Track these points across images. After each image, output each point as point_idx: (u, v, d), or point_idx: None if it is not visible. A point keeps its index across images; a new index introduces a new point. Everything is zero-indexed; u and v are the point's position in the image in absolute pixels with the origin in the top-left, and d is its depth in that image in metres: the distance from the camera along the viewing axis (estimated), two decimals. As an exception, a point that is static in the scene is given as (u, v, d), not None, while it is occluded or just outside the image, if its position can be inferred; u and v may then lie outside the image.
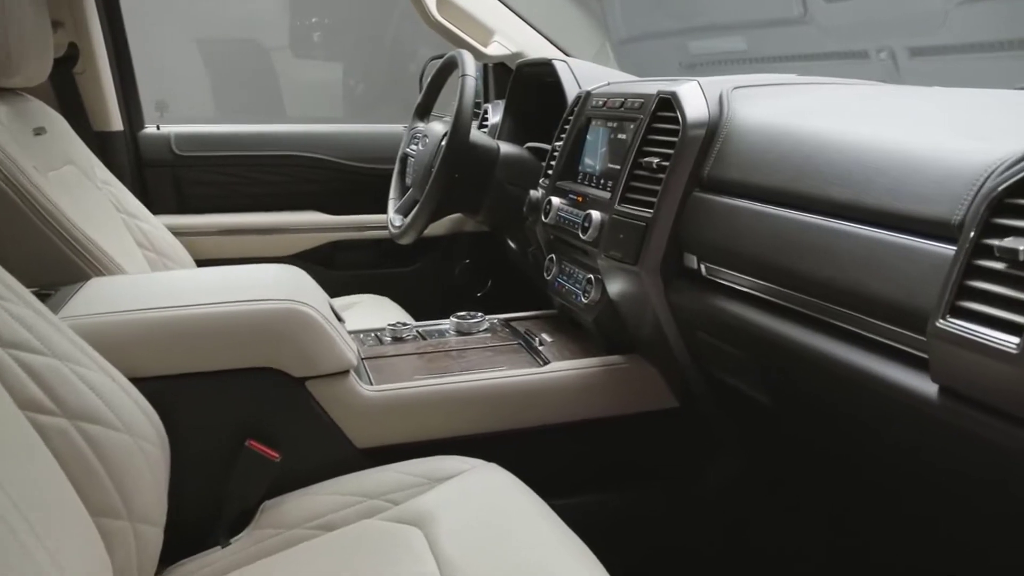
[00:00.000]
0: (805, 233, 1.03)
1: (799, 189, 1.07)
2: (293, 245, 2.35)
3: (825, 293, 1.00)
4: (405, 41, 3.52)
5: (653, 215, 1.31)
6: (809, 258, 1.02)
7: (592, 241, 1.45)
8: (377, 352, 1.52)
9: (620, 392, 1.46)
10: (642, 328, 1.45)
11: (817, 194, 1.04)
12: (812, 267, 1.01)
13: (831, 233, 0.99)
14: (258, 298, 1.25)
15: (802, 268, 1.03)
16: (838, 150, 1.04)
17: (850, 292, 0.96)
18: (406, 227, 1.91)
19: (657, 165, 1.33)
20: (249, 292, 1.27)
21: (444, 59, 2.03)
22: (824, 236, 1.00)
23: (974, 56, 1.66)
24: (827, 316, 1.01)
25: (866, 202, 0.96)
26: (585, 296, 1.50)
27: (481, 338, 1.60)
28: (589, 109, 1.64)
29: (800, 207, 1.07)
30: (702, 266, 1.27)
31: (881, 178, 0.96)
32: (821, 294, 1.01)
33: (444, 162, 1.80)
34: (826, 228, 1.00)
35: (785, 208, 1.09)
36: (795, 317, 1.07)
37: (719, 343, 1.27)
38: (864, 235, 0.95)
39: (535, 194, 1.74)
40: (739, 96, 1.32)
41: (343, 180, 2.42)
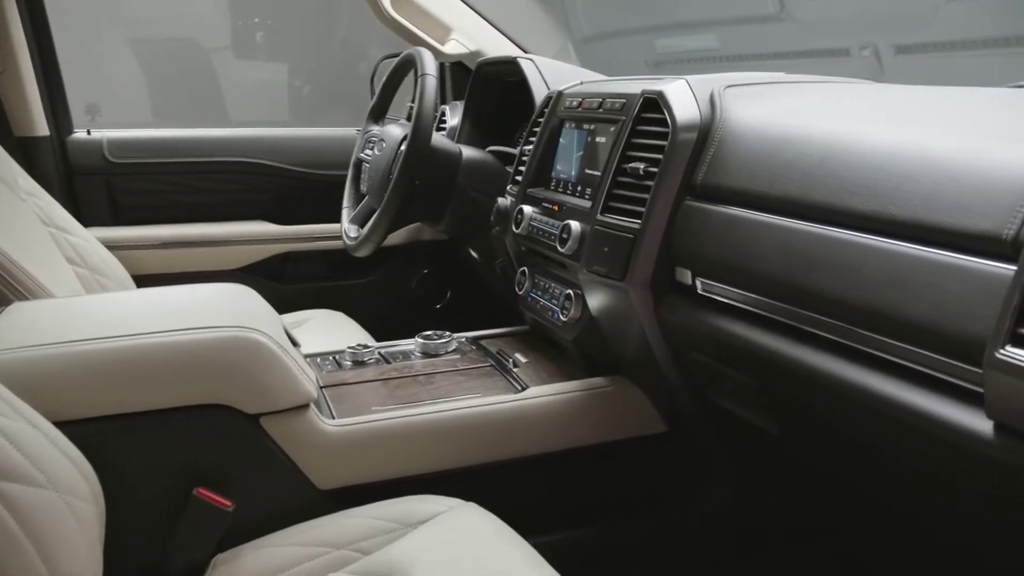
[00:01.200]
0: (825, 248, 0.92)
1: (812, 198, 0.97)
2: (239, 258, 2.18)
3: (850, 315, 0.90)
4: (355, 40, 3.37)
5: (641, 226, 1.20)
6: (830, 276, 0.91)
7: (571, 254, 1.33)
8: (337, 379, 1.38)
9: (605, 418, 1.35)
10: (627, 348, 1.34)
11: (836, 204, 0.93)
12: (834, 286, 0.91)
13: (856, 248, 0.89)
14: (203, 325, 1.10)
15: (822, 287, 0.92)
16: (857, 155, 0.94)
17: (881, 315, 0.85)
18: (363, 238, 1.77)
19: (644, 171, 1.22)
20: (193, 318, 1.12)
21: (400, 58, 1.90)
22: (848, 252, 0.90)
23: (961, 54, 1.60)
24: (852, 341, 0.91)
25: (896, 214, 0.86)
26: (564, 313, 1.39)
27: (450, 360, 1.47)
28: (562, 110, 1.52)
29: (815, 219, 0.96)
30: (697, 282, 1.16)
31: (912, 187, 0.86)
32: (845, 316, 0.91)
33: (404, 168, 1.67)
34: (850, 243, 0.90)
35: (797, 219, 0.98)
36: (812, 341, 0.97)
37: (717, 365, 1.17)
38: (896, 251, 0.85)
39: (503, 202, 1.62)
40: (732, 96, 1.22)
41: (292, 187, 2.27)
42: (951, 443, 0.80)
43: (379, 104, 2.02)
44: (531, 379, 1.38)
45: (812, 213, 0.97)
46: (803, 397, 1.02)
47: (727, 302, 1.11)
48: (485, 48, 2.21)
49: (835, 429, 1.02)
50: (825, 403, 0.98)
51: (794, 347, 0.98)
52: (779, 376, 1.03)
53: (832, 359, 0.93)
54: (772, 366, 1.03)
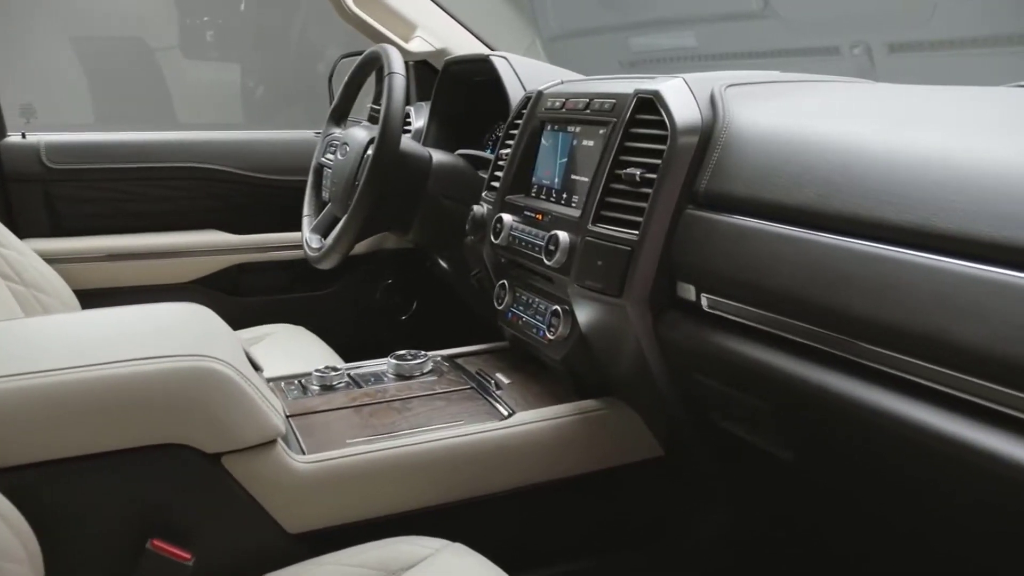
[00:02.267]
0: (855, 264, 0.84)
1: (836, 209, 0.88)
2: (192, 270, 2.04)
3: (885, 339, 0.81)
4: (311, 39, 3.23)
5: (639, 237, 1.10)
6: (862, 295, 0.82)
7: (559, 267, 1.23)
8: (304, 407, 1.26)
9: (598, 443, 1.25)
10: (621, 367, 1.24)
11: (864, 215, 0.85)
12: (867, 307, 0.82)
13: (892, 264, 0.80)
14: (155, 354, 0.98)
15: (851, 307, 0.83)
16: (886, 161, 0.86)
17: (922, 338, 0.77)
18: (327, 249, 1.65)
19: (641, 178, 1.13)
20: (143, 345, 1.00)
21: (364, 56, 1.78)
22: (883, 268, 0.81)
23: (955, 53, 1.54)
24: (887, 366, 0.82)
25: (938, 226, 0.77)
26: (550, 331, 1.29)
27: (426, 383, 1.36)
28: (542, 112, 1.42)
29: (840, 231, 0.88)
30: (703, 298, 1.07)
31: (954, 196, 0.77)
32: (879, 340, 0.82)
33: (371, 174, 1.55)
34: (885, 258, 0.81)
35: (819, 232, 0.90)
36: (839, 365, 0.88)
37: (724, 388, 1.08)
38: (939, 267, 0.76)
39: (479, 210, 1.51)
40: (735, 96, 1.13)
41: (247, 194, 2.13)
42: (1005, 479, 0.71)
43: (341, 105, 1.90)
44: (517, 403, 1.28)
45: (836, 225, 0.88)
46: (827, 425, 0.93)
47: (737, 320, 1.02)
48: (451, 46, 2.10)
49: (862, 459, 0.94)
50: (853, 432, 0.89)
51: (818, 371, 0.89)
52: (800, 402, 0.94)
53: (863, 385, 0.84)
54: (792, 391, 0.94)
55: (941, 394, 0.78)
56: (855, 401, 0.85)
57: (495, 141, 2.00)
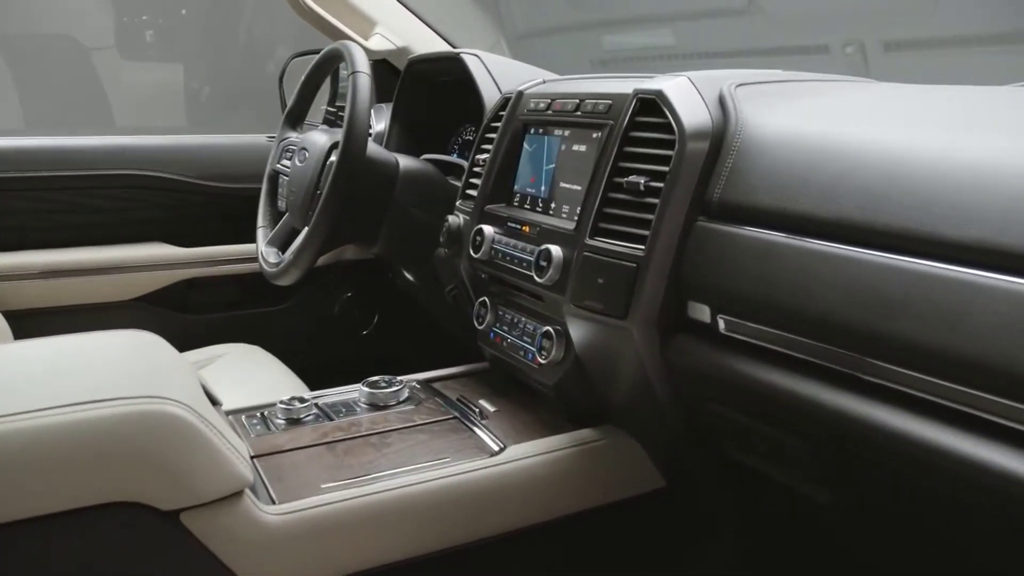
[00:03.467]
0: (912, 286, 0.74)
1: (883, 223, 0.79)
2: (135, 287, 1.88)
3: (952, 371, 0.71)
4: (260, 37, 3.05)
5: (646, 252, 1.00)
6: (921, 322, 0.73)
7: (552, 285, 1.12)
8: (270, 445, 1.13)
9: (597, 477, 1.14)
10: (621, 394, 1.14)
11: (917, 231, 0.75)
12: (928, 335, 0.72)
13: (960, 287, 0.71)
14: (100, 398, 0.84)
15: (908, 335, 0.74)
16: (939, 171, 0.77)
17: (998, 372, 0.67)
18: (287, 264, 1.51)
19: (646, 186, 1.02)
20: (84, 386, 0.86)
21: (323, 54, 1.65)
22: (948, 292, 0.71)
23: (951, 51, 1.47)
24: (954, 402, 0.73)
25: (1013, 245, 0.68)
26: (542, 354, 1.17)
27: (404, 413, 1.24)
28: (524, 113, 1.31)
29: (887, 247, 0.78)
30: (719, 320, 0.97)
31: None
32: (944, 372, 0.72)
33: (335, 183, 1.42)
34: (949, 280, 0.71)
35: (863, 248, 0.80)
36: (893, 399, 0.78)
37: (746, 420, 0.98)
38: (1018, 291, 0.67)
39: (455, 221, 1.39)
40: (746, 96, 1.04)
41: (194, 204, 1.97)
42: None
43: (297, 108, 1.76)
44: (506, 435, 1.16)
45: (884, 241, 0.79)
46: (877, 465, 0.84)
47: (762, 345, 0.92)
48: (413, 44, 1.98)
49: (915, 502, 0.84)
50: (908, 473, 0.80)
51: (867, 406, 0.80)
52: (842, 439, 0.84)
53: (925, 423, 0.75)
54: (832, 427, 0.84)
55: (1007, 430, 0.68)
56: (915, 441, 0.75)
57: (462, 145, 1.88)
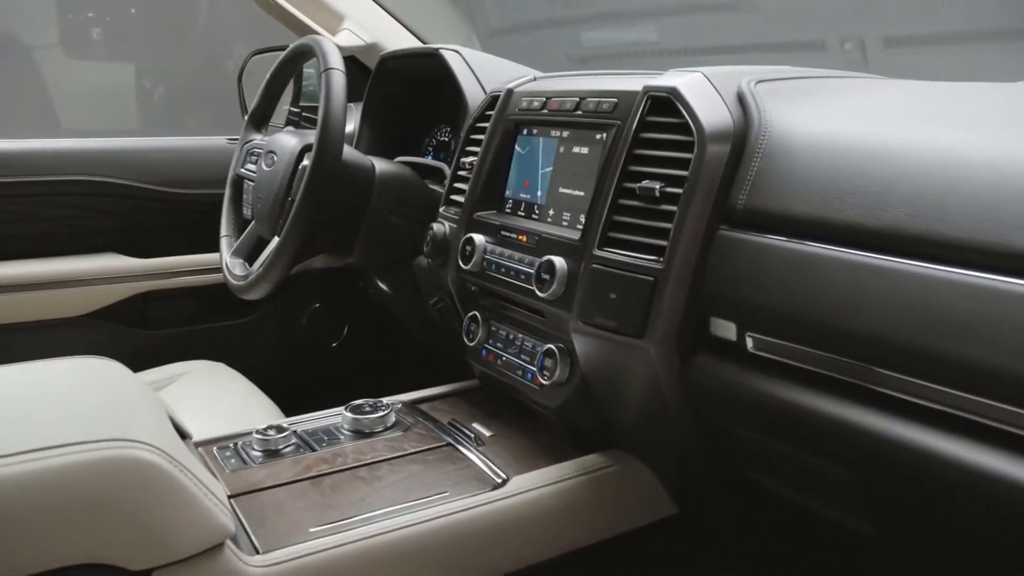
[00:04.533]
0: (987, 305, 0.66)
1: (941, 234, 0.71)
2: (87, 301, 1.74)
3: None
4: (216, 34, 2.90)
5: (665, 265, 0.91)
6: (1000, 347, 0.65)
7: (555, 300, 1.03)
8: (247, 482, 1.01)
9: (608, 507, 1.05)
10: (632, 416, 1.05)
11: (987, 243, 0.68)
12: (1002, 358, 0.65)
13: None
14: (57, 443, 0.73)
15: (984, 360, 0.66)
16: (1002, 177, 0.69)
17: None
18: (256, 277, 1.39)
19: (661, 193, 0.93)
20: (38, 430, 0.75)
21: (291, 49, 1.53)
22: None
23: (954, 48, 1.41)
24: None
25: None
26: (544, 375, 1.08)
27: (392, 440, 1.13)
28: (515, 113, 1.21)
29: (948, 260, 0.70)
30: (748, 338, 0.89)
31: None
32: (1017, 398, 0.65)
33: (310, 189, 1.31)
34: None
35: (918, 261, 0.72)
36: (956, 427, 0.70)
37: (780, 447, 0.89)
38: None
39: (440, 229, 1.29)
40: (767, 94, 0.96)
41: (151, 211, 1.83)
42: None
43: (261, 108, 1.64)
44: (507, 464, 1.07)
45: (945, 253, 0.71)
46: (942, 502, 0.76)
47: (798, 366, 0.84)
48: (383, 40, 1.87)
49: (984, 542, 0.77)
50: (987, 515, 0.72)
51: (930, 436, 0.72)
52: (898, 472, 0.76)
53: (1004, 457, 0.67)
54: (887, 459, 0.76)
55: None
56: (989, 475, 0.67)
57: (436, 147, 1.78)
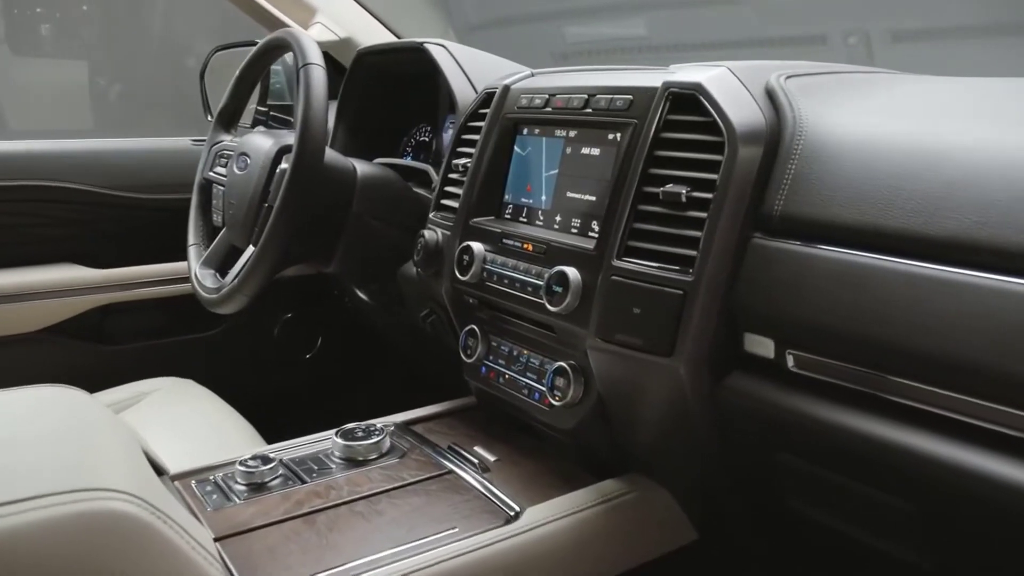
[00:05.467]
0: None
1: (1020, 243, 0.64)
2: (42, 316, 1.62)
3: None
4: (176, 30, 2.76)
5: (695, 277, 0.83)
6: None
7: (569, 314, 0.95)
8: (233, 522, 0.92)
9: (627, 535, 0.97)
10: (651, 439, 0.97)
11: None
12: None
13: None
14: (19, 497, 0.63)
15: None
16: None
17: None
18: (231, 290, 1.29)
19: (688, 198, 0.86)
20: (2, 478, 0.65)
21: (263, 44, 1.43)
22: None
23: (960, 42, 1.36)
24: None
25: None
26: (555, 395, 1.00)
27: (389, 468, 1.04)
28: (515, 111, 1.13)
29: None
30: (788, 356, 0.81)
31: None
32: None
33: (290, 194, 1.21)
34: None
35: (997, 274, 0.65)
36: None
37: (826, 474, 0.82)
38: None
39: (431, 236, 1.20)
40: (798, 90, 0.88)
41: (110, 218, 1.71)
42: None
43: (231, 107, 1.53)
44: (517, 493, 0.98)
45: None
46: (1009, 532, 0.69)
47: (846, 386, 0.77)
48: (357, 35, 1.77)
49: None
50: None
51: (1012, 467, 0.65)
52: (967, 503, 0.69)
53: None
54: (954, 489, 0.69)
55: None
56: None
57: (416, 147, 1.69)
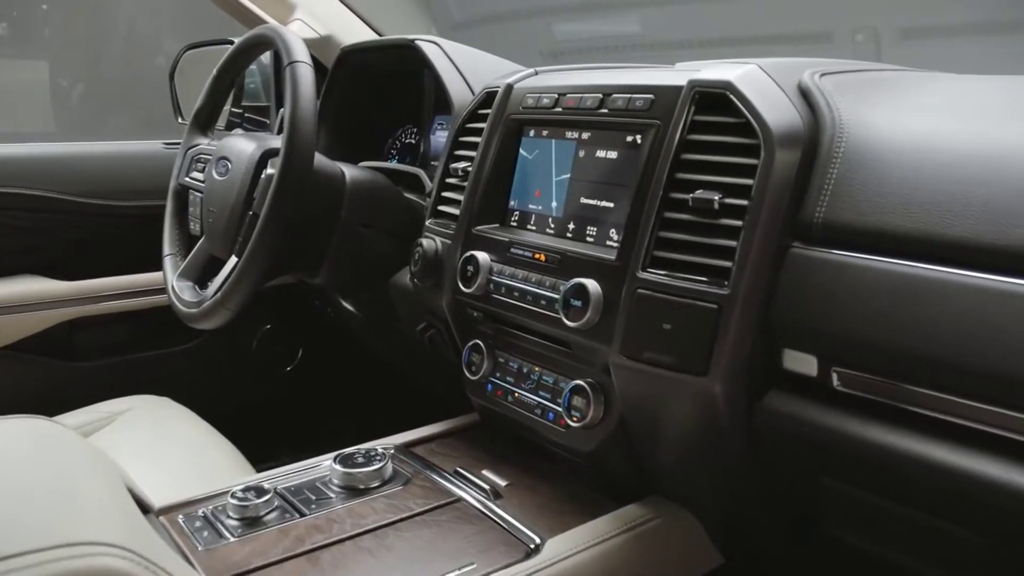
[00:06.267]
0: None
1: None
2: (4, 333, 1.51)
3: None
4: (143, 28, 2.64)
5: (731, 290, 0.78)
6: None
7: (589, 330, 0.88)
8: (228, 561, 0.84)
9: (653, 564, 0.91)
10: (676, 459, 0.91)
11: None
12: None
13: None
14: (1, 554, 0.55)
15: None
16: None
17: None
18: (214, 304, 1.20)
19: (721, 205, 0.80)
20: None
21: (244, 41, 1.34)
22: None
23: (969, 39, 1.33)
24: None
25: None
26: (572, 415, 0.93)
27: (393, 497, 0.97)
28: (520, 111, 1.06)
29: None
30: (833, 374, 0.76)
31: None
32: None
33: (278, 201, 1.13)
34: None
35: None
36: None
37: (879, 501, 0.77)
38: None
39: (430, 245, 1.13)
40: (834, 89, 0.83)
41: (75, 227, 1.61)
42: None
43: (207, 108, 1.44)
44: (534, 521, 0.91)
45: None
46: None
47: (902, 407, 0.72)
48: (338, 33, 1.69)
49: None
50: None
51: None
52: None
53: None
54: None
55: None
56: None
57: (401, 150, 1.62)
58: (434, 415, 1.22)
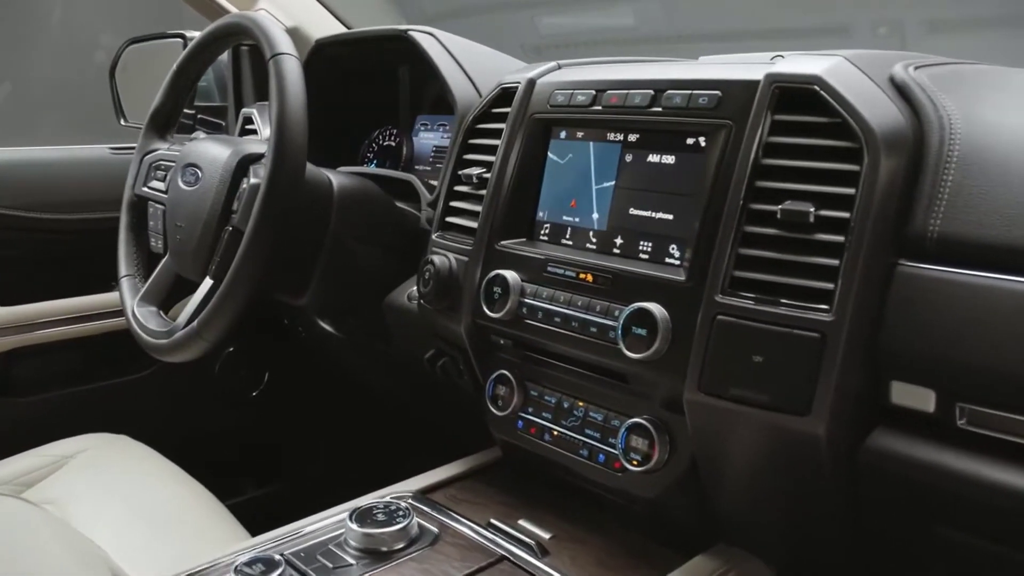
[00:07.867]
0: None
1: None
2: (-70, 368, 1.33)
3: None
4: (77, 21, 2.41)
5: (836, 316, 0.67)
6: None
7: (656, 361, 0.77)
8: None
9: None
10: (758, 506, 0.81)
11: None
12: None
13: None
14: None
15: None
16: None
17: None
18: (189, 333, 1.05)
19: (817, 218, 0.69)
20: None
21: (213, 30, 1.18)
22: None
23: (990, 33, 1.26)
24: None
25: None
26: (631, 458, 0.81)
27: (426, 560, 0.83)
28: (547, 110, 0.94)
29: None
30: (956, 409, 0.66)
31: None
32: None
33: (269, 213, 0.98)
34: None
35: None
36: None
37: (1012, 553, 0.67)
38: None
39: (442, 263, 1.00)
40: (933, 83, 0.73)
41: (9, 244, 1.42)
42: None
43: (166, 109, 1.26)
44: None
45: None
46: None
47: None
48: (305, 25, 1.55)
49: None
50: None
51: None
52: None
53: None
54: None
55: None
56: None
57: (379, 152, 1.48)
58: (421, 440, 1.10)
